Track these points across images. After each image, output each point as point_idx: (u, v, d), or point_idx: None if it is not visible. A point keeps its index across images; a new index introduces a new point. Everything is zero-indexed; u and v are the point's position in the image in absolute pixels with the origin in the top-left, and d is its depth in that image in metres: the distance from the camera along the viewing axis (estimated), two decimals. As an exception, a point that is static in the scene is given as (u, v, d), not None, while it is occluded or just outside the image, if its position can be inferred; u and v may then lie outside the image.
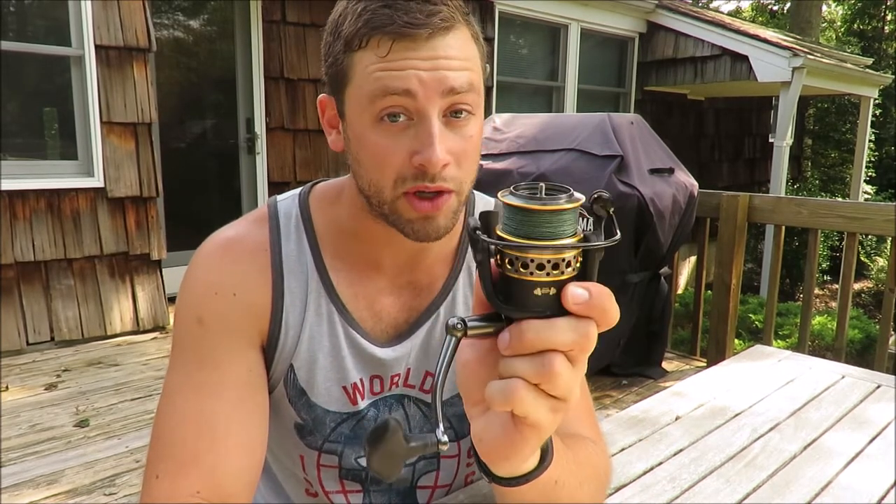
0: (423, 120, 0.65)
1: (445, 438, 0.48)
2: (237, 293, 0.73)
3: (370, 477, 0.83)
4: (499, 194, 0.44)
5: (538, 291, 0.43)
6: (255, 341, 0.75)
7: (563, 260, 0.43)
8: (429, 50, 0.64)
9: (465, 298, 0.82)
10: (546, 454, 0.56)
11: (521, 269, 0.42)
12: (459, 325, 0.46)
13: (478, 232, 0.44)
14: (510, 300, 0.44)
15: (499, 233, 0.43)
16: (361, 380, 0.79)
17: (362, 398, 0.80)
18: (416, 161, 0.66)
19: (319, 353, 0.77)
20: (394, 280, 0.80)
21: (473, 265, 0.82)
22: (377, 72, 0.65)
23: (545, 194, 0.43)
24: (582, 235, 0.44)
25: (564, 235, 0.43)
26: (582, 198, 0.44)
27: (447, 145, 0.66)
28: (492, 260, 0.45)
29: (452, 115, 0.67)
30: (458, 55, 0.66)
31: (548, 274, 0.43)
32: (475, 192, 0.88)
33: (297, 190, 0.83)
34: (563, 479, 0.61)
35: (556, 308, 0.43)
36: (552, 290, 0.43)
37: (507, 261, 0.43)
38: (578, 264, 0.44)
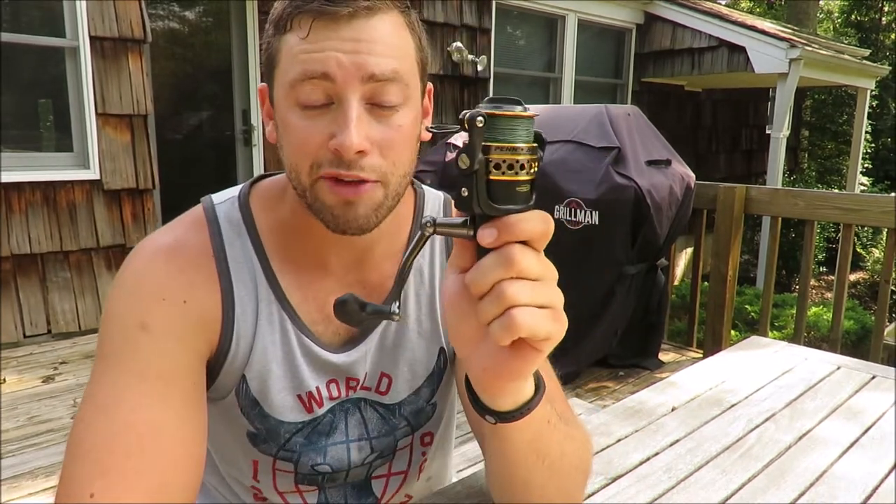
0: (342, 103, 0.64)
1: (398, 310, 0.55)
2: (188, 301, 0.70)
3: (326, 476, 0.82)
4: (479, 109, 0.48)
5: (521, 189, 0.48)
6: (203, 352, 0.72)
7: (528, 161, 0.49)
8: (350, 31, 0.63)
9: (416, 298, 0.81)
10: (539, 381, 0.58)
11: (507, 171, 0.48)
12: (429, 222, 0.51)
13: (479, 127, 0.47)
14: (497, 201, 0.48)
15: (489, 143, 0.48)
16: (318, 388, 0.78)
17: (319, 406, 0.79)
18: (331, 145, 0.64)
19: (273, 363, 0.75)
20: (342, 279, 0.78)
21: (424, 265, 0.82)
22: (299, 54, 0.64)
23: (512, 105, 0.48)
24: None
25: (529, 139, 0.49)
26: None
27: (368, 132, 0.64)
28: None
29: (378, 105, 0.66)
30: (382, 40, 0.64)
31: (528, 172, 0.49)
32: (425, 187, 0.87)
33: (236, 190, 0.79)
34: (553, 421, 0.63)
35: (527, 204, 0.49)
36: (526, 188, 0.49)
37: (492, 165, 0.48)
38: (534, 169, 0.49)
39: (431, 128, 0.66)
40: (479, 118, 0.47)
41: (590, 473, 0.75)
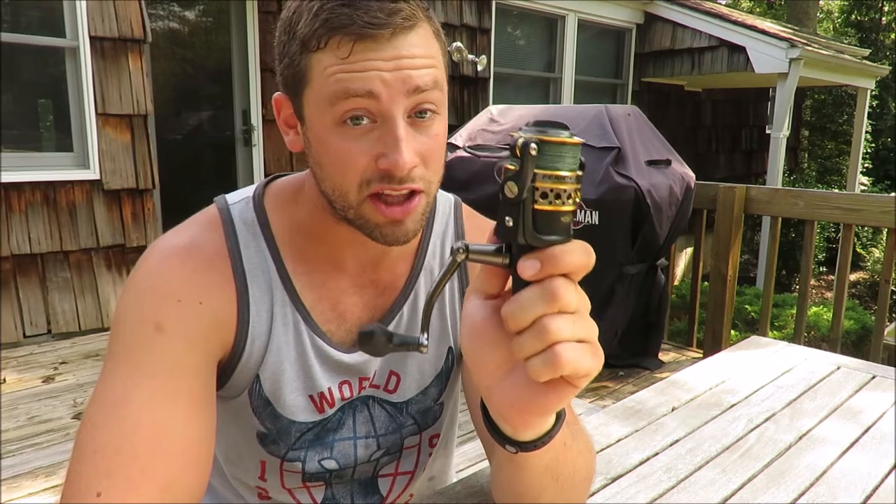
0: (388, 122, 0.63)
1: (426, 341, 0.54)
2: (203, 302, 0.69)
3: (333, 473, 0.83)
4: (518, 133, 0.46)
5: (564, 219, 0.46)
6: (216, 353, 0.71)
7: (574, 190, 0.46)
8: (391, 50, 0.62)
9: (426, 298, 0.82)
10: (560, 410, 0.57)
11: (554, 200, 0.46)
12: (461, 248, 0.49)
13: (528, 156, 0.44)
14: (541, 231, 0.46)
15: (535, 171, 0.45)
16: (330, 389, 0.78)
17: (330, 407, 0.79)
18: (381, 164, 0.64)
19: (286, 363, 0.76)
20: (356, 279, 0.78)
21: (435, 266, 0.82)
22: (338, 73, 0.62)
23: (560, 129, 0.45)
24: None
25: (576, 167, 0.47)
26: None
27: (413, 147, 0.65)
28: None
29: (417, 115, 0.65)
30: (421, 53, 0.64)
31: (573, 202, 0.46)
32: None
33: (250, 190, 0.79)
34: (569, 442, 0.63)
35: (569, 234, 0.47)
36: (569, 218, 0.47)
37: (539, 194, 0.46)
38: (578, 198, 0.47)
39: (472, 149, 0.65)
40: (533, 145, 0.44)
41: (594, 478, 0.75)
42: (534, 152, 0.44)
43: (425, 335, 0.54)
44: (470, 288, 0.52)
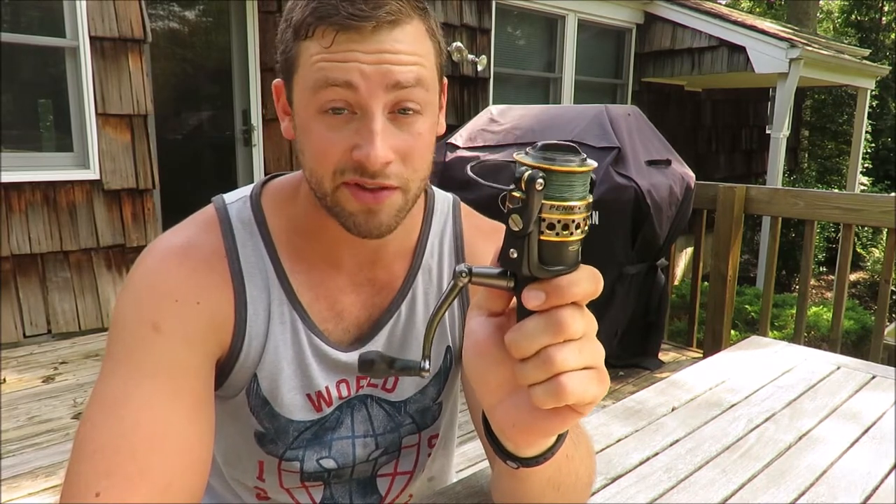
0: (366, 114, 0.64)
1: (428, 366, 0.53)
2: (201, 302, 0.70)
3: (331, 473, 0.83)
4: (523, 158, 0.44)
5: (572, 248, 0.45)
6: (214, 352, 0.72)
7: (583, 219, 0.45)
8: (374, 43, 0.63)
9: (424, 297, 0.81)
10: None
11: (562, 231, 0.44)
12: (464, 272, 0.47)
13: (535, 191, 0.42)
14: (547, 263, 0.45)
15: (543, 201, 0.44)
16: (327, 388, 0.78)
17: (328, 406, 0.79)
18: (355, 156, 0.64)
19: (284, 362, 0.76)
20: (353, 278, 0.79)
21: (433, 265, 0.82)
22: (320, 62, 0.63)
23: (569, 155, 0.44)
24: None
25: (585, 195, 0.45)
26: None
27: (391, 142, 0.65)
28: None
29: (400, 112, 0.66)
30: (405, 49, 0.64)
31: (581, 231, 0.45)
32: (434, 187, 0.87)
33: (247, 190, 0.80)
34: (571, 453, 0.62)
35: (576, 262, 0.46)
36: (577, 247, 0.45)
37: (545, 225, 0.44)
38: (587, 226, 0.46)
39: (475, 164, 0.64)
40: (539, 181, 0.42)
41: (594, 480, 0.75)
42: (539, 188, 0.42)
43: (427, 362, 0.53)
44: (473, 303, 0.51)
